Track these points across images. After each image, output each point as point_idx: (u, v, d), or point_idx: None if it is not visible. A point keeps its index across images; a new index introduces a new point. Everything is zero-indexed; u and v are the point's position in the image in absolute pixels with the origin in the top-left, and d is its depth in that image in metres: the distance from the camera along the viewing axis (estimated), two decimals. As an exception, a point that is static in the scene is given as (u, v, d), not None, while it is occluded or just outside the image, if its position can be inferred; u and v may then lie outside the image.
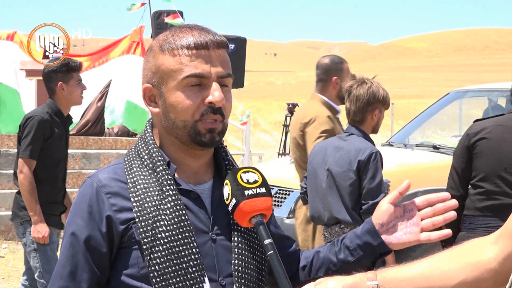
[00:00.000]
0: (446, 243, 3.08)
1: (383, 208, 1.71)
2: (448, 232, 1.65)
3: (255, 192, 1.58)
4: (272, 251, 1.51)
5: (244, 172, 1.61)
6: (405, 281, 1.50)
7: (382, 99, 3.89)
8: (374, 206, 3.75)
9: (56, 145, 4.71)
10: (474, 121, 3.99)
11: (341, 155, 3.91)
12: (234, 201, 1.57)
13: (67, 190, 4.93)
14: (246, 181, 1.59)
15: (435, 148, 5.97)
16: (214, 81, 1.63)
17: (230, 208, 1.59)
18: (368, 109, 3.89)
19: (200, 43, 1.63)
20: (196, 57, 1.62)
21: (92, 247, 1.62)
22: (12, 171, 9.95)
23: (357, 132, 3.93)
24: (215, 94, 1.62)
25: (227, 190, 1.60)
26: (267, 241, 1.53)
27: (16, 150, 4.98)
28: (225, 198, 1.61)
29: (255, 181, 1.60)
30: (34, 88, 11.50)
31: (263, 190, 1.59)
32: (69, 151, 9.92)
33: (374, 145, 3.96)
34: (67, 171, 5.03)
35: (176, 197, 1.62)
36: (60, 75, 4.69)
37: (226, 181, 1.61)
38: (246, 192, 1.57)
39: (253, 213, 1.56)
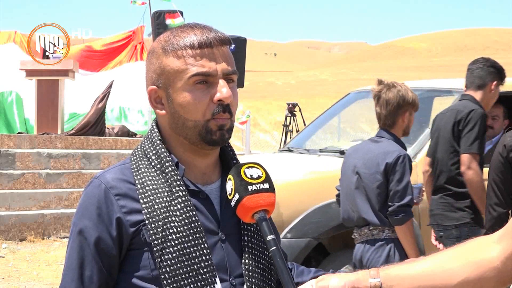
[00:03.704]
0: None
1: None
2: None
3: (258, 188, 1.56)
4: (274, 247, 1.50)
5: (248, 168, 1.60)
6: (407, 279, 1.49)
7: (411, 101, 3.98)
8: (401, 208, 3.82)
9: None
10: (507, 131, 3.95)
11: (370, 157, 3.99)
12: (237, 196, 1.56)
13: (66, 190, 4.86)
14: (249, 176, 1.58)
15: (342, 153, 5.11)
16: (220, 78, 1.63)
17: (233, 203, 1.57)
18: (398, 112, 3.98)
19: (204, 41, 1.62)
20: (201, 56, 1.62)
21: (101, 249, 1.61)
22: (12, 171, 9.91)
23: (387, 136, 4.02)
24: (223, 91, 1.61)
25: (230, 185, 1.59)
26: (269, 237, 1.52)
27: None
28: (227, 193, 1.60)
29: (259, 177, 1.59)
30: (34, 88, 11.50)
31: (266, 185, 1.58)
32: (69, 151, 9.95)
33: (405, 149, 4.03)
34: (67, 171, 4.96)
35: (186, 198, 1.61)
36: (495, 74, 4.66)
37: (230, 176, 1.60)
38: (250, 188, 1.56)
39: (256, 208, 1.55)
